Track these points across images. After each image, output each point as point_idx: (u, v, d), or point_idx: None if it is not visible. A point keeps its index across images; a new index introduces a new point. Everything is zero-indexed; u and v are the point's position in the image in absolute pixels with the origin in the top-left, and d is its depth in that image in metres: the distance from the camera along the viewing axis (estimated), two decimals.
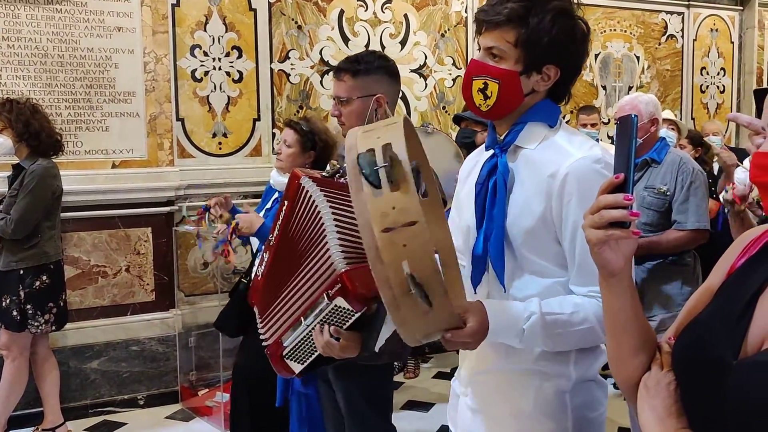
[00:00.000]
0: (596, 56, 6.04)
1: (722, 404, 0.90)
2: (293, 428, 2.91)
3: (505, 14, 1.45)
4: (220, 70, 4.62)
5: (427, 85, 5.32)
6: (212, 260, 4.32)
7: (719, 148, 5.07)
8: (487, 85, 1.49)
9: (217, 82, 4.62)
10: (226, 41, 4.63)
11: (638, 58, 6.25)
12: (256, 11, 4.70)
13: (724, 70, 6.67)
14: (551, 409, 1.51)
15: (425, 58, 5.29)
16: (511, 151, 1.54)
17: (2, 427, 3.68)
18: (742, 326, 0.94)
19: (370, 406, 2.47)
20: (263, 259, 1.96)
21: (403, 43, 5.21)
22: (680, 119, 6.19)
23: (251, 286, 2.07)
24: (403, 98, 5.17)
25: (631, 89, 6.14)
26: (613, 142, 5.42)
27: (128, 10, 4.31)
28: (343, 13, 5.01)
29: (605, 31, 6.07)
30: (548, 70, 1.49)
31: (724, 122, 6.44)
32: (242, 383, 3.10)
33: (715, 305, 1.03)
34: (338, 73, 2.29)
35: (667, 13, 6.35)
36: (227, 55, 4.64)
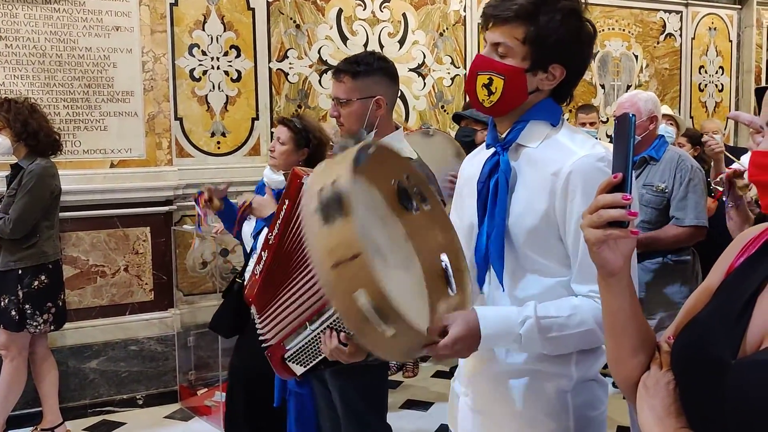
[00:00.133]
0: (595, 55, 6.04)
1: (721, 403, 0.90)
2: (290, 428, 2.91)
3: (514, 10, 1.45)
4: (218, 69, 4.62)
5: (425, 84, 5.31)
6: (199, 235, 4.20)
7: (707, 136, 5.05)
8: (492, 80, 1.48)
9: (215, 81, 4.61)
10: (224, 40, 4.62)
11: (637, 56, 6.25)
12: (254, 10, 4.69)
13: (722, 68, 6.67)
14: (553, 408, 1.51)
15: (424, 57, 5.29)
16: (512, 149, 1.53)
17: (1, 427, 3.67)
18: (741, 325, 0.94)
19: (365, 405, 2.47)
20: (261, 257, 1.95)
21: (401, 42, 5.21)
22: (682, 118, 6.19)
23: (248, 284, 2.06)
24: (401, 97, 5.17)
25: (629, 88, 6.13)
26: (611, 140, 5.42)
27: (126, 9, 4.31)
28: (341, 12, 5.01)
29: (603, 29, 6.08)
30: (554, 69, 1.49)
31: (722, 121, 6.44)
32: (238, 384, 3.09)
33: (714, 304, 1.03)
34: (338, 74, 2.28)
35: (665, 11, 6.35)
36: (226, 54, 4.63)
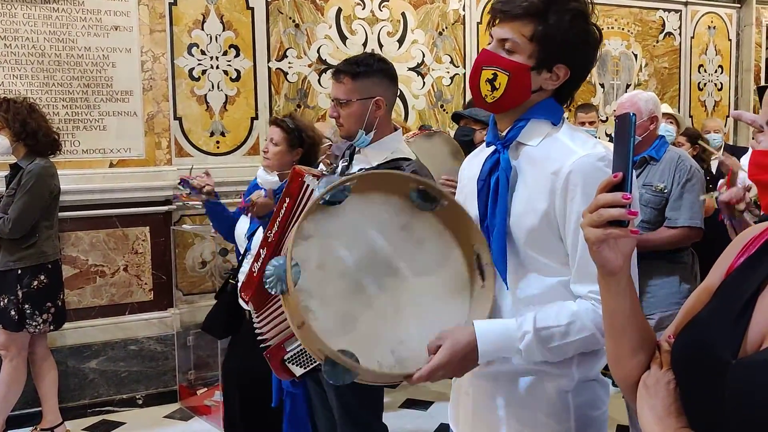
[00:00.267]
0: None
1: (722, 403, 0.89)
2: (286, 428, 2.90)
3: (524, 7, 1.45)
4: (217, 68, 4.61)
5: (425, 83, 5.31)
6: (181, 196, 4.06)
7: (715, 148, 5.07)
8: (496, 76, 1.48)
9: (214, 80, 4.61)
10: (223, 40, 4.62)
11: (636, 55, 6.24)
12: (253, 10, 4.69)
13: (721, 67, 6.67)
14: (554, 408, 1.50)
15: (423, 56, 5.29)
16: (512, 147, 1.53)
17: (1, 426, 3.67)
18: (741, 325, 0.93)
19: (361, 404, 2.47)
20: (260, 254, 1.94)
21: (400, 41, 5.21)
22: (682, 117, 6.19)
23: (245, 281, 2.05)
24: (401, 97, 5.17)
25: (629, 87, 6.13)
26: (611, 140, 5.42)
27: (125, 9, 4.30)
28: (340, 11, 5.00)
29: (603, 28, 6.01)
30: (558, 69, 1.49)
31: (722, 119, 6.44)
32: (232, 385, 3.07)
33: (714, 304, 1.02)
34: (337, 75, 2.29)
35: (664, 10, 6.34)
36: (225, 53, 4.63)
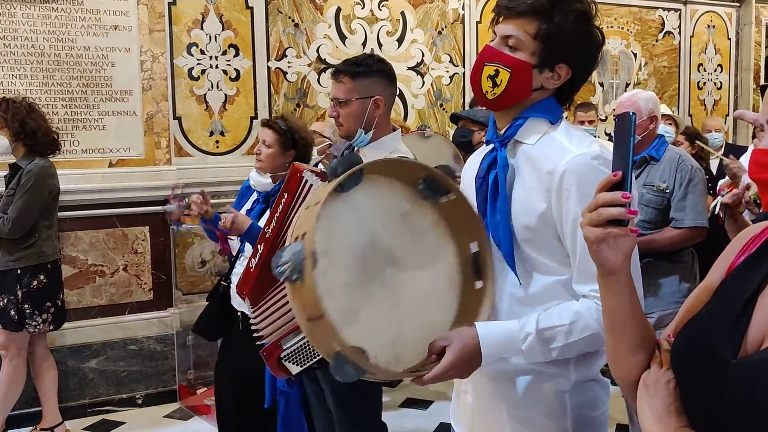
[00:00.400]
0: None
1: (722, 403, 0.89)
2: (280, 429, 2.90)
3: (530, 5, 1.45)
4: (217, 68, 4.61)
5: (424, 82, 5.31)
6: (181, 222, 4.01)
7: (715, 148, 5.07)
8: (498, 72, 1.48)
9: (214, 80, 4.61)
10: (222, 39, 4.62)
11: (635, 54, 6.24)
12: (252, 9, 4.68)
13: (721, 66, 6.67)
14: (551, 408, 1.50)
15: (422, 55, 5.29)
16: (510, 145, 1.53)
17: (1, 426, 3.67)
18: (741, 324, 0.93)
19: (359, 402, 2.47)
20: (257, 250, 1.94)
21: (400, 40, 5.21)
22: (681, 117, 6.19)
23: (242, 277, 2.04)
24: (400, 96, 5.16)
25: (628, 86, 6.14)
26: (610, 139, 5.42)
27: (125, 8, 4.30)
28: (340, 10, 5.00)
29: (602, 27, 6.06)
30: (560, 69, 1.49)
31: (722, 118, 6.44)
32: (225, 386, 3.06)
33: (714, 303, 1.02)
34: (337, 75, 2.33)
35: (664, 9, 6.35)
36: (224, 53, 4.62)
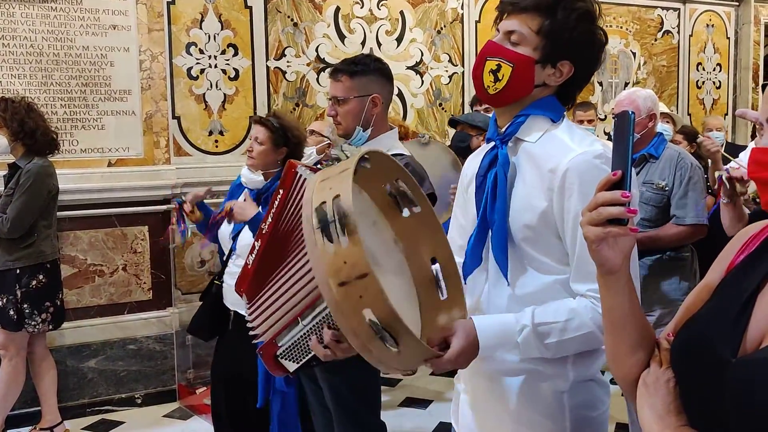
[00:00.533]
0: None
1: (722, 401, 0.89)
2: (273, 429, 2.89)
3: (533, 1, 1.47)
4: (216, 67, 4.61)
5: (423, 82, 5.31)
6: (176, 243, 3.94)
7: (703, 136, 5.07)
8: (500, 67, 1.48)
9: (213, 79, 4.61)
10: (221, 39, 4.61)
11: (634, 54, 6.24)
12: (251, 9, 4.68)
13: (720, 65, 6.67)
14: (549, 409, 1.50)
15: (421, 55, 5.28)
16: (512, 143, 1.53)
17: (0, 426, 3.67)
18: (741, 323, 0.93)
19: (358, 402, 2.46)
20: (254, 247, 1.95)
21: (399, 40, 5.20)
22: (678, 115, 6.19)
23: (240, 274, 2.05)
24: (399, 95, 5.17)
25: (627, 85, 6.14)
26: (609, 138, 5.42)
27: (123, 8, 4.30)
28: (339, 10, 5.00)
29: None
30: (562, 66, 1.49)
31: (721, 117, 6.44)
32: (220, 385, 3.07)
33: (714, 302, 1.02)
34: (335, 74, 2.38)
35: (663, 9, 6.35)
36: (223, 52, 4.62)
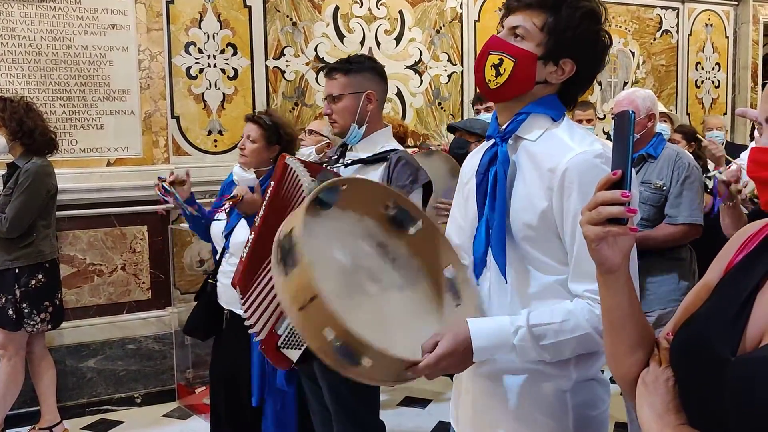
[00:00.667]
0: None
1: (721, 400, 0.89)
2: (267, 428, 2.89)
3: None
4: (215, 67, 4.60)
5: (422, 81, 5.31)
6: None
7: (707, 140, 5.08)
8: (502, 61, 1.48)
9: (212, 79, 4.60)
10: (220, 38, 4.61)
11: (633, 53, 6.25)
12: (250, 8, 4.68)
13: (719, 65, 6.68)
14: (552, 408, 1.50)
15: (420, 54, 5.28)
16: (512, 141, 1.52)
17: None
18: (740, 322, 0.93)
19: (357, 401, 2.47)
20: (248, 241, 1.97)
21: (398, 39, 5.20)
22: (676, 114, 6.19)
23: (237, 269, 2.07)
24: (398, 95, 5.17)
25: (626, 85, 6.14)
26: (608, 137, 5.43)
27: (122, 7, 4.29)
28: (338, 9, 5.00)
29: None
30: (565, 64, 1.49)
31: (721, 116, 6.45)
32: (218, 384, 3.07)
33: (713, 301, 1.02)
34: (330, 72, 2.43)
35: (662, 8, 6.35)
36: (222, 52, 4.62)
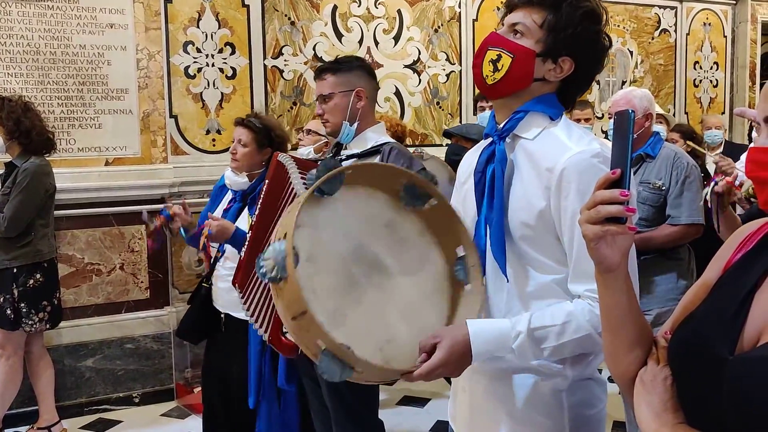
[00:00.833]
0: None
1: (719, 399, 0.90)
2: (260, 428, 2.89)
3: None
4: (213, 66, 4.60)
5: (420, 80, 5.31)
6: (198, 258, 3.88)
7: (715, 145, 5.10)
8: (500, 57, 1.49)
9: (210, 78, 4.60)
10: (219, 38, 4.61)
11: (631, 52, 6.25)
12: (249, 7, 4.68)
13: (717, 64, 6.68)
14: (548, 407, 1.50)
15: (419, 53, 5.28)
16: (509, 140, 1.52)
17: None
18: (738, 321, 0.94)
19: (356, 400, 2.47)
20: (245, 239, 1.99)
21: (396, 38, 5.21)
22: (674, 114, 6.21)
23: (236, 268, 2.08)
24: (396, 94, 5.18)
25: (624, 84, 6.15)
26: (606, 137, 5.42)
27: (120, 6, 4.29)
28: (336, 8, 5.00)
29: None
30: (563, 62, 1.49)
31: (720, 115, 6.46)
32: (211, 386, 3.06)
33: (711, 300, 1.03)
34: (320, 73, 2.47)
35: (660, 7, 6.35)
36: (220, 51, 4.62)
